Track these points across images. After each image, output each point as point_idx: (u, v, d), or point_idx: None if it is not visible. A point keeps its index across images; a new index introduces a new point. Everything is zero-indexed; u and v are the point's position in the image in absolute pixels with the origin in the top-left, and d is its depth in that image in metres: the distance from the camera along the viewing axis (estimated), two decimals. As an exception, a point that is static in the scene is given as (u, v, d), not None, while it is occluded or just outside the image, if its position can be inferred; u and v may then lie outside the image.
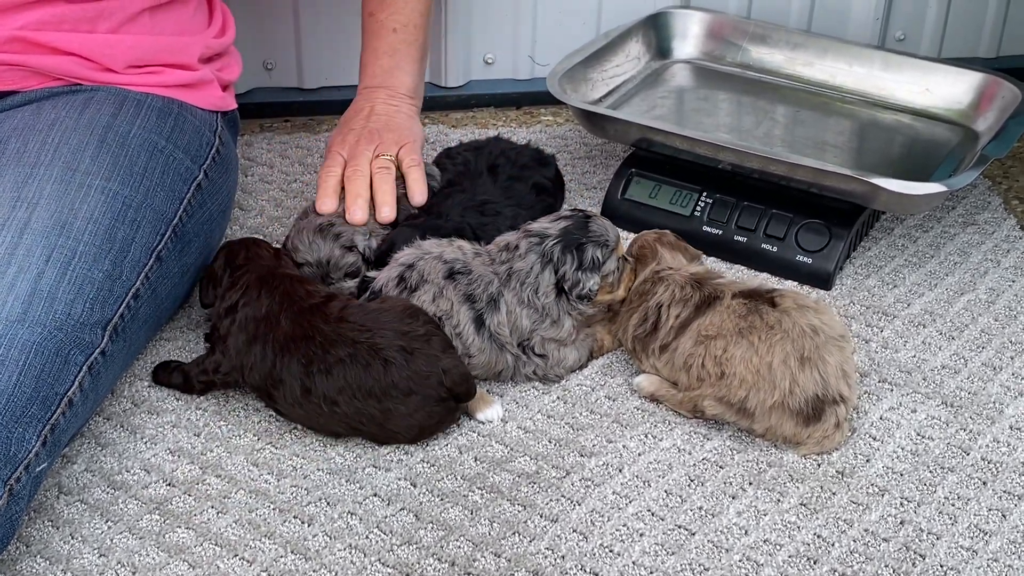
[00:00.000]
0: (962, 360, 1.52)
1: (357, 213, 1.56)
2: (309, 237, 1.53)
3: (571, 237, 1.42)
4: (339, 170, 1.60)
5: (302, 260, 1.53)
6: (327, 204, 1.57)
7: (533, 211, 1.63)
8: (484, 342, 1.42)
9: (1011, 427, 1.41)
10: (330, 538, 1.25)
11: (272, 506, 1.29)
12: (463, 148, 1.73)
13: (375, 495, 1.31)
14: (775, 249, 1.66)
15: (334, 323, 1.35)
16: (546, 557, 1.24)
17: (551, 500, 1.30)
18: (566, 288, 1.42)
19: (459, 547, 1.25)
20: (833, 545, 1.26)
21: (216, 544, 1.25)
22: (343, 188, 1.59)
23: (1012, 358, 1.52)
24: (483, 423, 1.40)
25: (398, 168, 1.62)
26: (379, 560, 1.23)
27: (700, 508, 1.30)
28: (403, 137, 1.64)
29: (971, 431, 1.40)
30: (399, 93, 1.69)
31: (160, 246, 1.41)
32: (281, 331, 1.36)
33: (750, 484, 1.33)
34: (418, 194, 1.61)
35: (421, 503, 1.30)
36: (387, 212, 1.57)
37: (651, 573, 1.22)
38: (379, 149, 1.61)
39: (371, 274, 1.49)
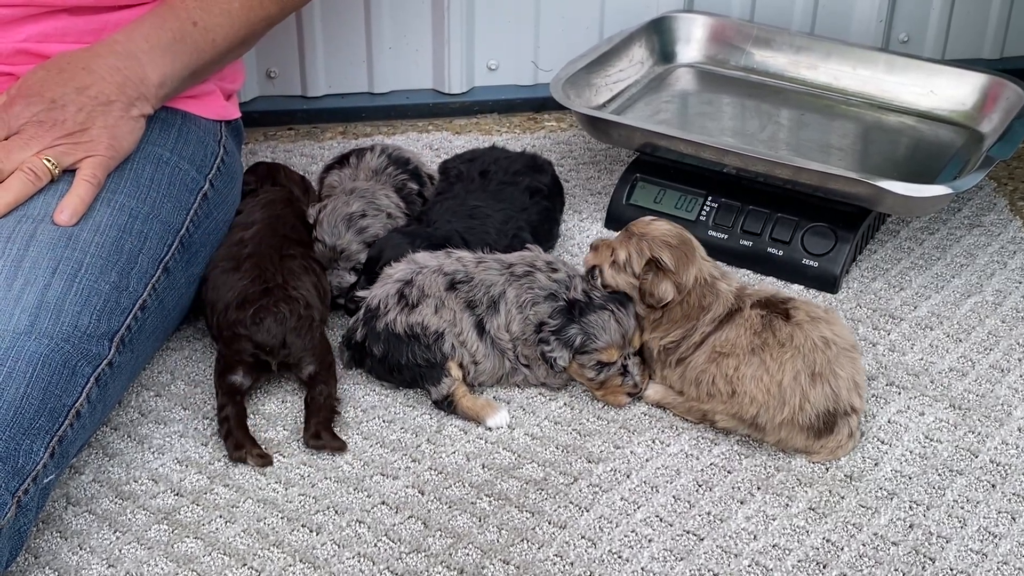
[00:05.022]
0: (970, 362, 1.51)
1: None
2: (335, 221, 1.56)
3: (570, 313, 1.40)
4: None
5: (319, 238, 1.56)
6: None
7: (528, 213, 1.62)
8: (487, 348, 1.43)
9: (1019, 429, 1.41)
10: (339, 546, 1.25)
11: (280, 515, 1.29)
12: (458, 160, 1.73)
13: (383, 503, 1.31)
14: (781, 253, 1.66)
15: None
16: (555, 564, 1.24)
17: (559, 507, 1.30)
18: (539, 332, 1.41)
19: (468, 555, 1.24)
20: (842, 549, 1.25)
21: (225, 554, 1.25)
22: None
23: (1020, 360, 1.52)
24: (491, 430, 1.40)
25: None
26: (388, 568, 1.23)
27: (708, 513, 1.30)
28: (98, 145, 1.36)
29: (979, 434, 1.40)
30: (146, 82, 1.41)
31: (167, 257, 1.41)
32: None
33: (758, 489, 1.33)
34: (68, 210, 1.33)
35: (429, 511, 1.30)
36: None
37: (660, 579, 1.22)
38: (57, 153, 1.33)
39: (361, 293, 1.49)
